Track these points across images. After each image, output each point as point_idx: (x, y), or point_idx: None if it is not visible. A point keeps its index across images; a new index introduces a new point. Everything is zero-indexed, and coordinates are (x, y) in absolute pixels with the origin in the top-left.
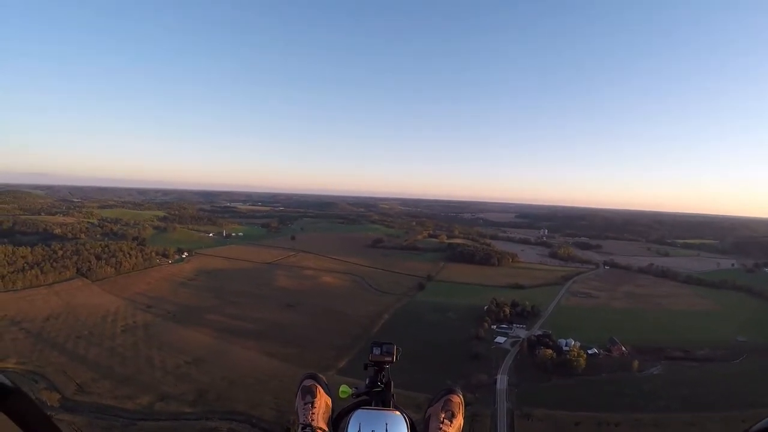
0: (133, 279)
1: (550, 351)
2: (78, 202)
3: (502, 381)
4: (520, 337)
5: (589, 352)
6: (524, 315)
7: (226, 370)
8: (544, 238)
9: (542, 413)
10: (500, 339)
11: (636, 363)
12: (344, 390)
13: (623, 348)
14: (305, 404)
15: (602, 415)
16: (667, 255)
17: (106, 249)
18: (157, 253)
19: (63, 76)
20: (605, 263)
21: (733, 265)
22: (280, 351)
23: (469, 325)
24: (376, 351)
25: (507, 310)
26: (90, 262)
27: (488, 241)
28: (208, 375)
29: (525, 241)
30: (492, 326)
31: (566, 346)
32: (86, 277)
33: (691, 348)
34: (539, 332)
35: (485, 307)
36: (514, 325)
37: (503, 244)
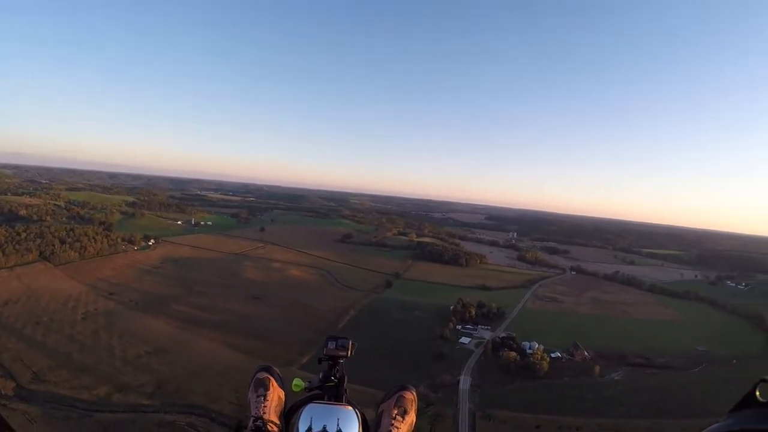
0: (97, 264)
1: (513, 353)
2: (46, 183)
3: (465, 381)
4: (484, 339)
5: (553, 355)
6: (490, 316)
7: (188, 361)
8: (513, 241)
9: (504, 415)
10: (465, 339)
11: (598, 368)
12: (297, 384)
13: (586, 353)
14: (258, 397)
15: (564, 419)
16: (633, 263)
17: (70, 233)
18: (123, 239)
19: (38, 57)
20: (572, 268)
21: (696, 276)
22: (244, 343)
23: (435, 324)
24: (331, 345)
25: (473, 311)
26: (54, 245)
27: (457, 241)
28: (169, 366)
29: (494, 243)
30: (457, 326)
31: (530, 349)
32: (49, 261)
33: (653, 355)
34: (503, 334)
35: (451, 307)
36: (479, 326)
37: (472, 245)
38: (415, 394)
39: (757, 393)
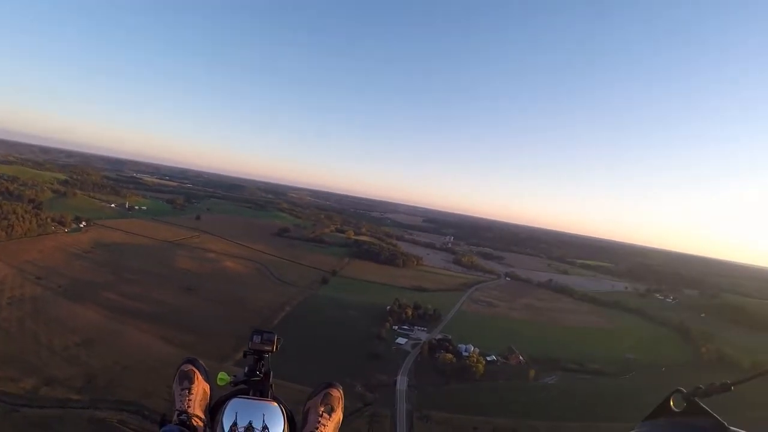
0: (24, 245)
1: (450, 355)
2: None
3: (402, 382)
4: (420, 340)
5: (488, 358)
6: (426, 318)
7: (119, 353)
8: (450, 245)
9: (441, 416)
10: (401, 340)
11: (533, 372)
12: (222, 377)
13: (521, 357)
14: (182, 390)
15: (499, 421)
16: (566, 273)
17: None
18: (53, 220)
19: None
20: (507, 274)
21: (626, 288)
22: (177, 336)
23: (371, 324)
24: (257, 339)
25: (409, 312)
26: None
27: (394, 241)
28: (99, 358)
29: (430, 246)
30: (393, 327)
31: (466, 351)
32: None
33: (585, 361)
34: (440, 336)
35: (388, 308)
36: (416, 327)
37: (409, 246)
38: (341, 391)
39: (672, 403)
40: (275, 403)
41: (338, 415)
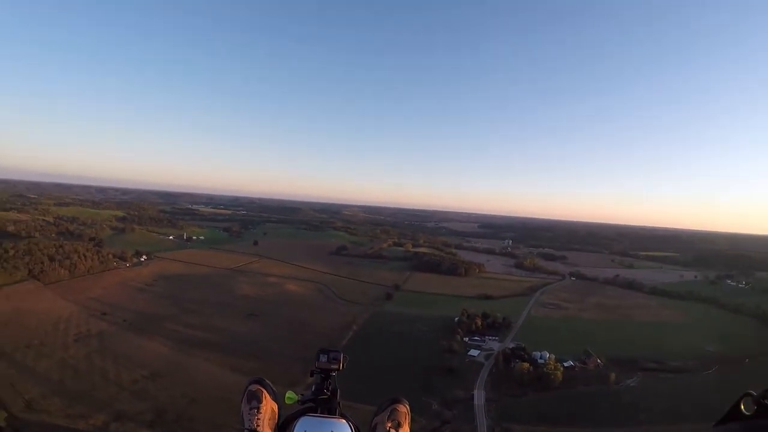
0: (87, 283)
1: (526, 364)
2: (34, 198)
3: (479, 396)
4: (493, 350)
5: (565, 364)
6: (495, 326)
7: (186, 385)
8: (509, 249)
9: (523, 429)
10: (474, 352)
11: (613, 375)
12: (290, 396)
13: (598, 360)
14: (251, 409)
15: (583, 431)
16: (631, 267)
17: (60, 249)
18: (114, 256)
19: (25, 71)
20: (571, 274)
21: (696, 277)
22: (244, 364)
23: (441, 337)
24: (323, 358)
25: (479, 322)
26: (43, 263)
27: (453, 250)
28: (167, 391)
29: (490, 252)
30: (464, 338)
31: (541, 359)
32: (38, 280)
33: (664, 359)
34: (512, 345)
35: (456, 319)
36: (487, 337)
37: (468, 254)
38: (408, 407)
39: (742, 406)
40: (343, 420)
41: (405, 431)
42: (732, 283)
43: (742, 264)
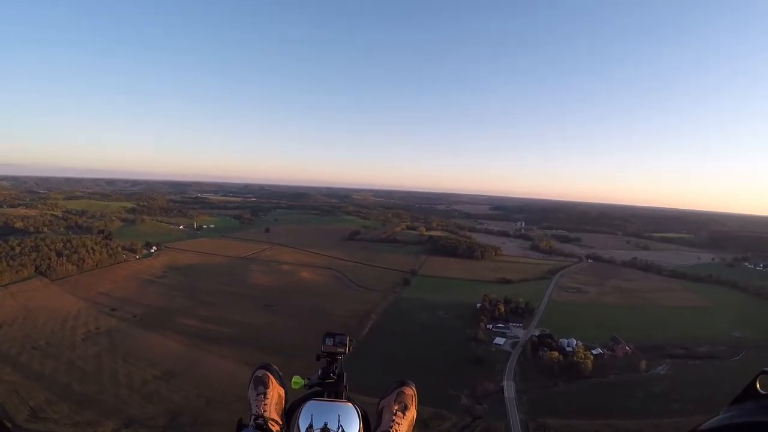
0: (96, 277)
1: (556, 353)
2: (43, 193)
3: (509, 388)
4: (518, 338)
5: (594, 352)
6: (518, 312)
7: (202, 385)
8: (523, 231)
9: (558, 423)
10: (499, 340)
11: (644, 363)
12: (297, 381)
13: (627, 347)
14: (257, 395)
15: (619, 422)
16: (647, 249)
17: (67, 244)
18: (123, 248)
19: (30, 67)
20: (588, 256)
21: (713, 259)
22: (262, 359)
23: (464, 325)
24: (329, 342)
25: (501, 308)
26: (50, 258)
27: (468, 233)
28: (181, 392)
29: (504, 234)
30: (488, 326)
31: (569, 346)
32: (46, 276)
33: (691, 345)
34: (538, 332)
35: (478, 305)
36: (511, 324)
37: (483, 236)
38: (414, 389)
39: (758, 385)
40: (350, 404)
41: (412, 413)
42: (750, 266)
43: (757, 245)
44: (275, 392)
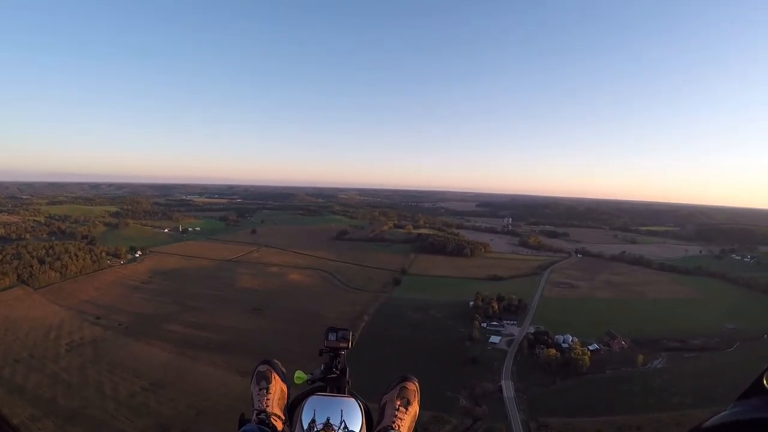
0: (80, 284)
1: (553, 350)
2: (26, 199)
3: (507, 387)
4: (513, 335)
5: (590, 348)
6: (511, 309)
7: (191, 395)
8: (510, 227)
9: (559, 422)
10: (495, 339)
11: (641, 357)
12: (299, 376)
13: (623, 342)
14: (260, 390)
15: (620, 418)
16: (634, 242)
17: (50, 251)
18: (107, 253)
19: (11, 71)
20: (577, 251)
21: (701, 252)
22: (252, 366)
23: (458, 323)
24: (332, 337)
25: (495, 306)
26: (32, 266)
27: (456, 230)
28: (170, 404)
29: (491, 230)
30: (482, 324)
31: (564, 342)
32: (28, 285)
33: (685, 337)
34: (533, 329)
35: (471, 303)
36: (505, 321)
37: (471, 233)
38: (417, 384)
39: (765, 381)
40: (352, 399)
41: (414, 408)
42: (737, 258)
43: (743, 238)
44: (278, 387)
